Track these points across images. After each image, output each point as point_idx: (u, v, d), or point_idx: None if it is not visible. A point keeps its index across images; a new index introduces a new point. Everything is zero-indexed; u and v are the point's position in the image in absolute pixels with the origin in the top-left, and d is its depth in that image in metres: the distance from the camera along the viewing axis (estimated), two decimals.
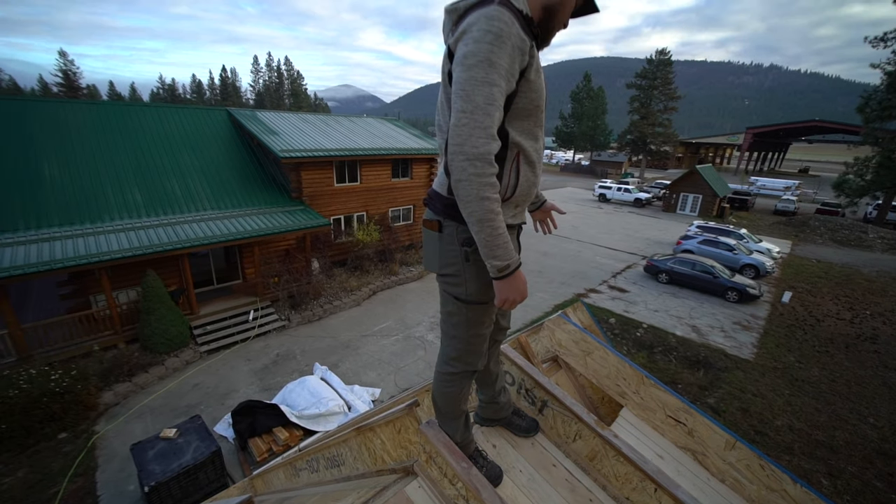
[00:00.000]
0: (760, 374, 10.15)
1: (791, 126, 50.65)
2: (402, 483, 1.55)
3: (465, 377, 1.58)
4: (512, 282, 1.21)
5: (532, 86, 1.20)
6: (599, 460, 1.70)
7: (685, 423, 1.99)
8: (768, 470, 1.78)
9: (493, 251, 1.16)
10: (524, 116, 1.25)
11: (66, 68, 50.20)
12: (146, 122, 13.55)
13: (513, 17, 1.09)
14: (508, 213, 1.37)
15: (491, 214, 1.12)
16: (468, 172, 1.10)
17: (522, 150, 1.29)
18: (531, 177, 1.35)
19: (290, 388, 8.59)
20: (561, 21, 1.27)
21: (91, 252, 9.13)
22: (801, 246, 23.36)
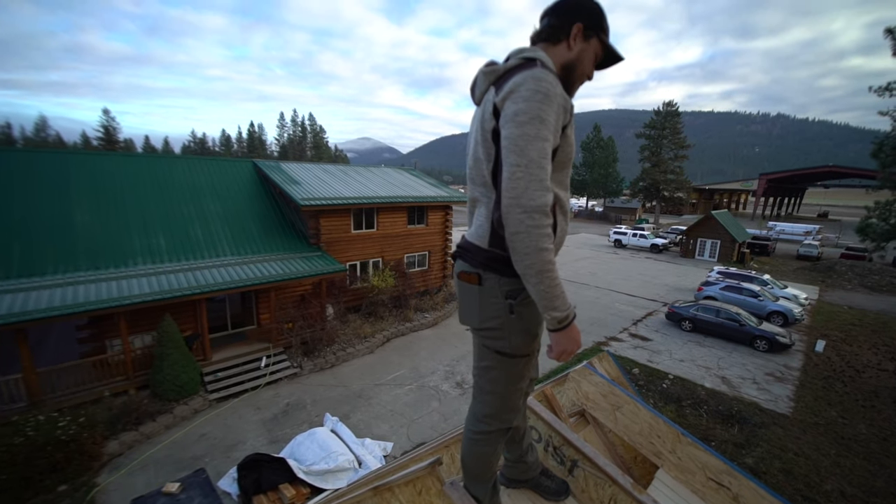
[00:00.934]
0: (801, 431, 9.37)
1: (805, 172, 50.67)
2: None
3: (499, 435, 1.49)
4: (570, 332, 1.22)
5: (568, 140, 1.26)
6: None
7: (729, 487, 1.80)
8: None
9: (552, 302, 1.16)
10: (560, 169, 1.30)
11: (108, 124, 54.42)
12: (175, 172, 14.34)
13: (555, 77, 1.17)
14: None
15: (549, 265, 1.14)
16: (526, 224, 1.10)
17: (559, 200, 1.32)
18: (564, 225, 1.39)
19: (298, 440, 8.25)
20: (581, 76, 1.35)
21: (113, 296, 9.34)
22: (830, 292, 22.45)
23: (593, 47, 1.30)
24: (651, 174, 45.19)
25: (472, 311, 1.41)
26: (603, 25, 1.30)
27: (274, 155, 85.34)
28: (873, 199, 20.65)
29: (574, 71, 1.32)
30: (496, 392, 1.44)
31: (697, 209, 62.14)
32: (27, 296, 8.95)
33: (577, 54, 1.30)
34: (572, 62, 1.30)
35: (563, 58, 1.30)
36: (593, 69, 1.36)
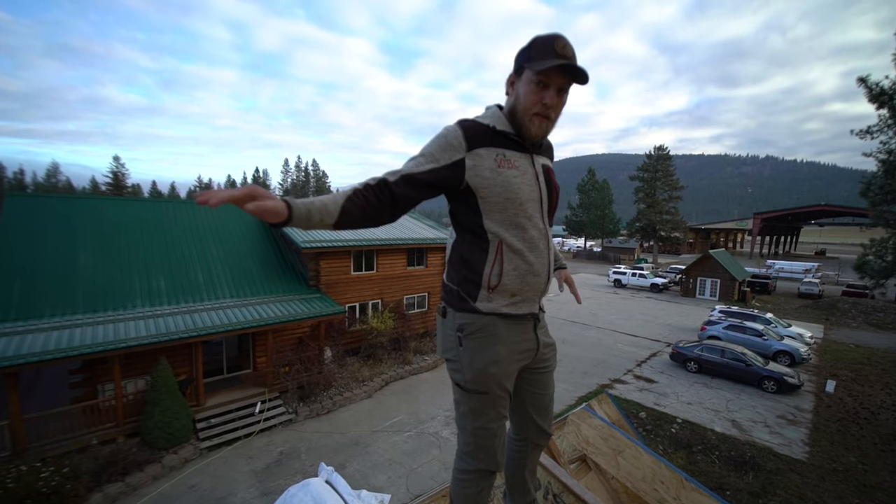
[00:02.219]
0: (819, 479, 8.93)
1: (798, 210, 51.62)
2: None
3: (480, 477, 1.46)
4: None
5: (490, 182, 1.33)
6: None
7: None
8: None
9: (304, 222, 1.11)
10: (498, 210, 1.36)
11: (117, 170, 56.01)
12: (179, 216, 14.62)
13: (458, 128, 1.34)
14: (503, 302, 1.39)
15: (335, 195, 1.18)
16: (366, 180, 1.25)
17: (504, 240, 1.37)
18: (521, 264, 1.38)
19: (291, 492, 7.74)
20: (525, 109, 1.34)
21: (109, 339, 9.23)
22: (835, 330, 22.15)
23: (526, 80, 1.32)
24: (647, 215, 45.97)
25: (439, 341, 1.52)
26: (529, 56, 1.30)
27: None
28: (868, 236, 20.92)
29: (516, 111, 1.38)
30: (465, 428, 1.46)
31: (695, 248, 62.58)
32: (22, 339, 8.85)
33: (515, 96, 1.38)
34: (513, 105, 1.39)
35: (509, 105, 1.42)
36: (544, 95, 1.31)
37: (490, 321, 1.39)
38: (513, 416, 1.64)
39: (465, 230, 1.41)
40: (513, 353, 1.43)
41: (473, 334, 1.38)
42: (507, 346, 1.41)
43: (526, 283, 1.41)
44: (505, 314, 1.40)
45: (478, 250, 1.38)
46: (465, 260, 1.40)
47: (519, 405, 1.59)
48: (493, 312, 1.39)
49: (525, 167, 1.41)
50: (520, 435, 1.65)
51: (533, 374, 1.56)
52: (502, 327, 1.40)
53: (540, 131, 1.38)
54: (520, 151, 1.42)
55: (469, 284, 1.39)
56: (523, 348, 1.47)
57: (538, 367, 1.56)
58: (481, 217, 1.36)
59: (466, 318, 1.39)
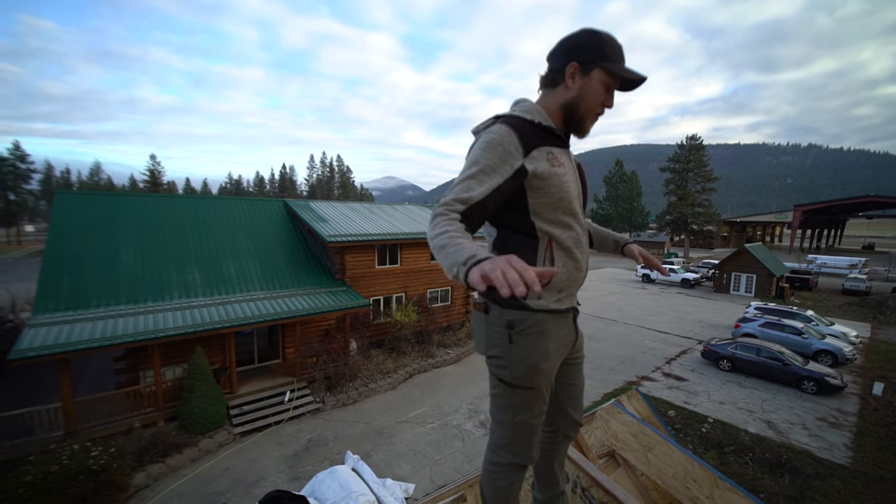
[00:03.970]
0: (864, 485, 8.46)
1: (843, 202, 48.57)
2: None
3: (513, 470, 1.47)
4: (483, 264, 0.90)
5: (546, 182, 1.31)
6: None
7: None
8: None
9: (451, 269, 0.98)
10: (549, 209, 1.35)
11: (154, 168, 58.65)
12: (212, 211, 15.20)
13: (510, 130, 1.27)
14: (552, 299, 1.40)
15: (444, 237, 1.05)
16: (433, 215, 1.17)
17: (554, 238, 1.38)
18: (569, 262, 1.41)
19: (319, 478, 8.07)
20: (589, 109, 1.37)
21: (149, 329, 9.74)
22: (885, 329, 20.80)
23: (597, 79, 1.32)
24: (678, 207, 44.38)
25: (480, 338, 1.47)
26: (603, 53, 1.30)
27: (303, 194, 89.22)
28: None
29: (578, 108, 1.36)
30: (504, 422, 1.45)
31: (729, 242, 60.05)
32: (71, 327, 9.46)
33: (577, 91, 1.34)
34: (574, 101, 1.36)
35: (564, 98, 1.37)
36: (608, 98, 1.36)
37: (541, 317, 1.39)
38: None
39: (510, 228, 1.40)
40: (559, 346, 1.45)
41: (525, 331, 1.37)
42: (555, 341, 1.43)
43: (572, 279, 1.44)
44: (553, 310, 1.41)
45: (527, 248, 1.38)
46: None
47: (552, 396, 1.59)
48: (543, 309, 1.39)
49: (568, 164, 1.41)
50: (551, 426, 1.65)
51: (567, 366, 1.58)
52: (551, 322, 1.41)
53: (590, 130, 1.43)
54: (562, 147, 1.41)
55: None
56: (566, 341, 1.50)
57: (573, 358, 1.59)
58: (530, 215, 1.36)
59: (516, 314, 1.38)
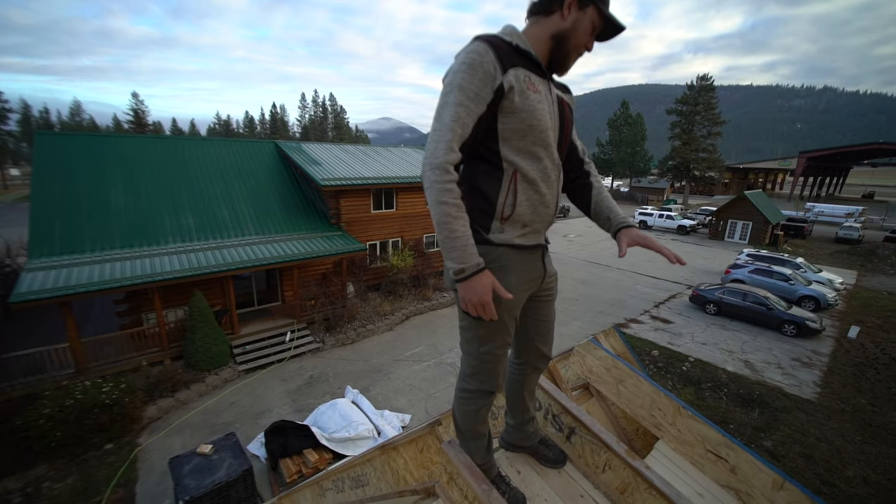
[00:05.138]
0: (826, 417, 9.15)
1: (849, 149, 47.45)
2: (422, 503, 1.51)
3: (481, 396, 1.55)
4: (469, 284, 1.22)
5: (518, 105, 1.26)
6: (630, 493, 1.58)
7: (727, 459, 1.82)
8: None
9: (448, 253, 1.21)
10: (518, 136, 1.30)
11: (137, 108, 56.02)
12: (202, 153, 14.75)
13: (488, 47, 1.22)
14: (515, 233, 1.39)
15: (447, 218, 1.19)
16: (430, 180, 1.20)
17: (519, 169, 1.33)
18: (534, 195, 1.37)
19: (321, 410, 8.66)
20: (576, 47, 1.35)
21: (147, 273, 9.86)
22: (869, 277, 21.34)
23: (589, 17, 1.30)
24: (681, 152, 43.33)
25: (448, 273, 1.48)
26: None
27: (296, 136, 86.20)
28: None
29: (568, 42, 1.33)
30: (471, 353, 1.50)
31: (730, 189, 59.46)
32: (70, 271, 9.55)
33: (571, 24, 1.30)
34: (565, 32, 1.31)
35: (556, 28, 1.31)
36: (592, 40, 1.36)
37: (503, 252, 1.39)
38: (515, 340, 1.69)
39: (477, 157, 1.36)
40: (522, 282, 1.45)
41: (487, 265, 1.36)
42: (517, 276, 1.42)
43: (537, 214, 1.40)
44: (516, 245, 1.40)
45: (491, 179, 1.35)
46: (478, 189, 1.36)
47: (521, 331, 1.64)
48: (506, 244, 1.38)
49: (545, 93, 1.35)
50: (521, 358, 1.71)
51: (536, 302, 1.59)
52: (514, 258, 1.41)
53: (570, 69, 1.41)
54: (540, 76, 1.35)
55: (481, 215, 1.37)
56: (531, 277, 1.49)
57: (542, 295, 1.59)
58: (498, 143, 1.31)
59: (479, 249, 1.35)
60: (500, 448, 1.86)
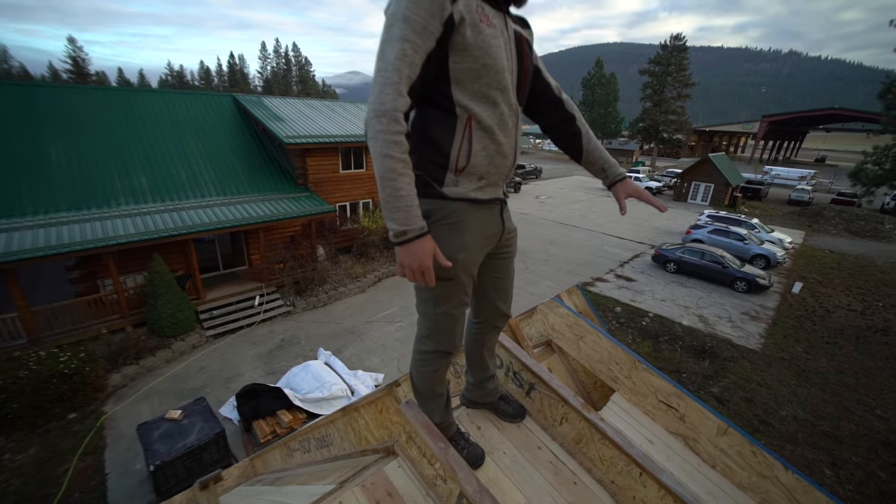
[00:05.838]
0: (767, 365, 10.03)
1: (808, 114, 49.27)
2: (383, 463, 1.53)
3: (438, 357, 1.53)
4: (409, 248, 1.13)
5: (470, 41, 1.13)
6: (585, 444, 1.66)
7: (677, 408, 1.94)
8: (760, 456, 1.73)
9: (390, 213, 1.11)
10: (472, 78, 1.18)
11: (76, 55, 50.36)
12: (152, 107, 13.56)
13: None
14: (471, 186, 1.30)
15: (392, 174, 1.08)
16: (374, 129, 1.07)
17: (474, 115, 1.22)
18: (490, 144, 1.26)
19: (294, 372, 8.69)
20: None
21: (98, 237, 9.24)
22: (815, 236, 22.88)
23: None
24: (651, 114, 43.68)
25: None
26: None
27: (258, 89, 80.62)
28: (873, 143, 20.32)
29: None
30: (427, 313, 1.47)
31: (696, 152, 61.04)
32: (10, 236, 8.82)
33: None
34: None
35: None
36: None
37: (458, 207, 1.30)
38: (473, 299, 1.67)
39: (427, 103, 1.23)
40: (480, 239, 1.38)
41: (441, 221, 1.30)
42: (474, 233, 1.35)
43: (494, 165, 1.30)
44: (473, 199, 1.31)
45: (443, 127, 1.23)
46: (429, 139, 1.25)
47: (479, 289, 1.60)
48: (461, 198, 1.30)
49: (500, 27, 1.21)
50: (479, 317, 1.69)
51: (495, 260, 1.54)
52: (470, 213, 1.33)
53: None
54: (494, 7, 1.21)
55: (434, 167, 1.27)
56: (489, 233, 1.43)
57: (500, 252, 1.54)
58: (450, 86, 1.18)
59: (432, 204, 1.29)
60: (462, 406, 1.89)
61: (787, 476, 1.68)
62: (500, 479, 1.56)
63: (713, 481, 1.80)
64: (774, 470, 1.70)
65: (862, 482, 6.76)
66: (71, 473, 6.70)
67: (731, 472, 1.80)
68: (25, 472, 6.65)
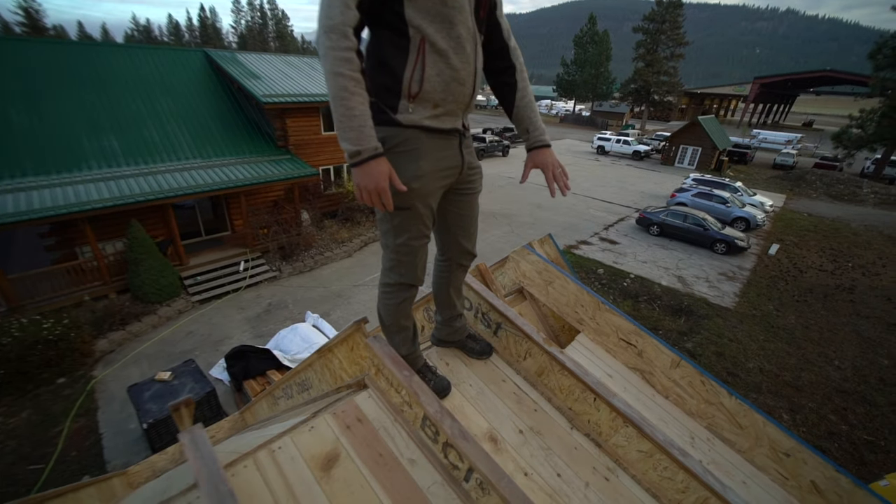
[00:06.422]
0: (739, 321, 10.50)
1: (800, 76, 48.92)
2: (354, 394, 1.61)
3: (401, 289, 1.57)
4: (365, 169, 1.13)
5: None
6: (546, 375, 1.77)
7: (636, 344, 2.06)
8: (708, 385, 1.86)
9: (344, 133, 1.11)
10: None
11: (27, 5, 46.42)
12: (117, 64, 12.78)
13: None
14: (425, 114, 1.28)
15: (343, 92, 1.07)
16: (325, 46, 1.06)
17: (427, 36, 1.18)
18: (444, 68, 1.22)
19: (282, 334, 8.81)
20: None
21: (71, 202, 8.95)
22: (796, 200, 23.34)
23: None
24: (644, 75, 42.78)
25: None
26: None
27: (232, 45, 76.17)
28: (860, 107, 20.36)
29: None
30: (388, 245, 1.49)
31: (686, 115, 60.51)
32: None
33: None
34: None
35: None
36: None
37: (412, 134, 1.29)
38: (438, 237, 1.70)
39: (380, 24, 1.20)
40: (436, 169, 1.37)
41: (394, 148, 1.29)
42: (430, 162, 1.34)
43: (449, 91, 1.27)
44: (427, 127, 1.30)
45: (396, 50, 1.20)
46: (382, 63, 1.23)
47: (443, 226, 1.63)
48: (415, 125, 1.28)
49: None
50: (444, 255, 1.73)
51: (457, 196, 1.55)
52: (425, 141, 1.31)
53: None
54: None
55: (387, 93, 1.25)
56: (447, 165, 1.41)
57: (462, 188, 1.54)
58: (402, 4, 1.14)
59: (386, 131, 1.27)
60: (432, 344, 1.97)
61: (731, 401, 1.82)
62: (465, 406, 1.66)
63: (666, 409, 1.94)
64: (720, 397, 1.85)
65: (814, 424, 7.32)
66: (65, 434, 6.84)
67: (683, 400, 1.94)
68: (20, 434, 6.77)
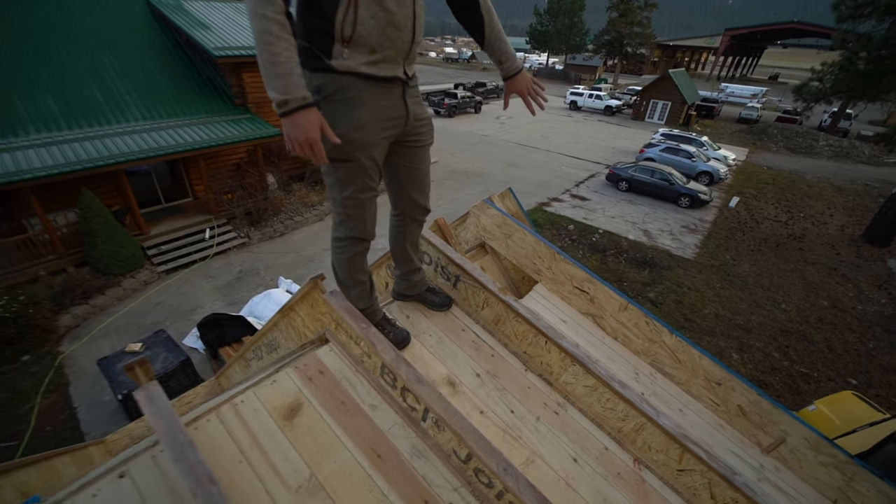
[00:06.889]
0: (698, 271, 11.12)
1: (769, 28, 48.96)
2: (316, 348, 1.66)
3: (352, 243, 1.58)
4: (294, 120, 1.09)
5: None
6: (503, 323, 1.86)
7: (588, 291, 2.18)
8: (652, 325, 2.02)
9: (269, 81, 1.08)
10: None
11: None
12: (46, 15, 11.40)
13: None
14: (362, 60, 1.24)
15: (268, 37, 1.03)
16: None
17: None
18: (379, 12, 1.17)
19: (255, 301, 8.72)
20: None
21: (10, 170, 8.26)
22: (757, 154, 24.15)
23: None
24: (617, 25, 41.90)
25: None
26: None
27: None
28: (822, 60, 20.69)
29: None
30: (336, 199, 1.48)
31: (658, 68, 60.18)
32: None
33: None
34: None
35: None
36: None
37: (349, 81, 1.25)
38: (390, 192, 1.70)
39: None
40: (378, 119, 1.34)
41: (331, 97, 1.25)
42: (370, 112, 1.31)
43: (385, 35, 1.22)
44: (365, 74, 1.26)
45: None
46: (313, 6, 1.17)
47: (394, 180, 1.62)
48: (351, 71, 1.24)
49: None
50: (398, 210, 1.73)
51: (406, 148, 1.53)
52: (364, 89, 1.28)
53: None
54: None
55: (321, 37, 1.20)
56: (390, 115, 1.38)
57: (411, 140, 1.52)
58: None
59: (321, 78, 1.23)
60: (393, 299, 2.03)
61: (671, 339, 1.98)
62: (425, 355, 1.75)
63: (614, 349, 2.10)
64: (662, 335, 2.01)
65: (760, 361, 8.05)
66: (37, 410, 6.73)
67: (629, 340, 2.10)
68: None
